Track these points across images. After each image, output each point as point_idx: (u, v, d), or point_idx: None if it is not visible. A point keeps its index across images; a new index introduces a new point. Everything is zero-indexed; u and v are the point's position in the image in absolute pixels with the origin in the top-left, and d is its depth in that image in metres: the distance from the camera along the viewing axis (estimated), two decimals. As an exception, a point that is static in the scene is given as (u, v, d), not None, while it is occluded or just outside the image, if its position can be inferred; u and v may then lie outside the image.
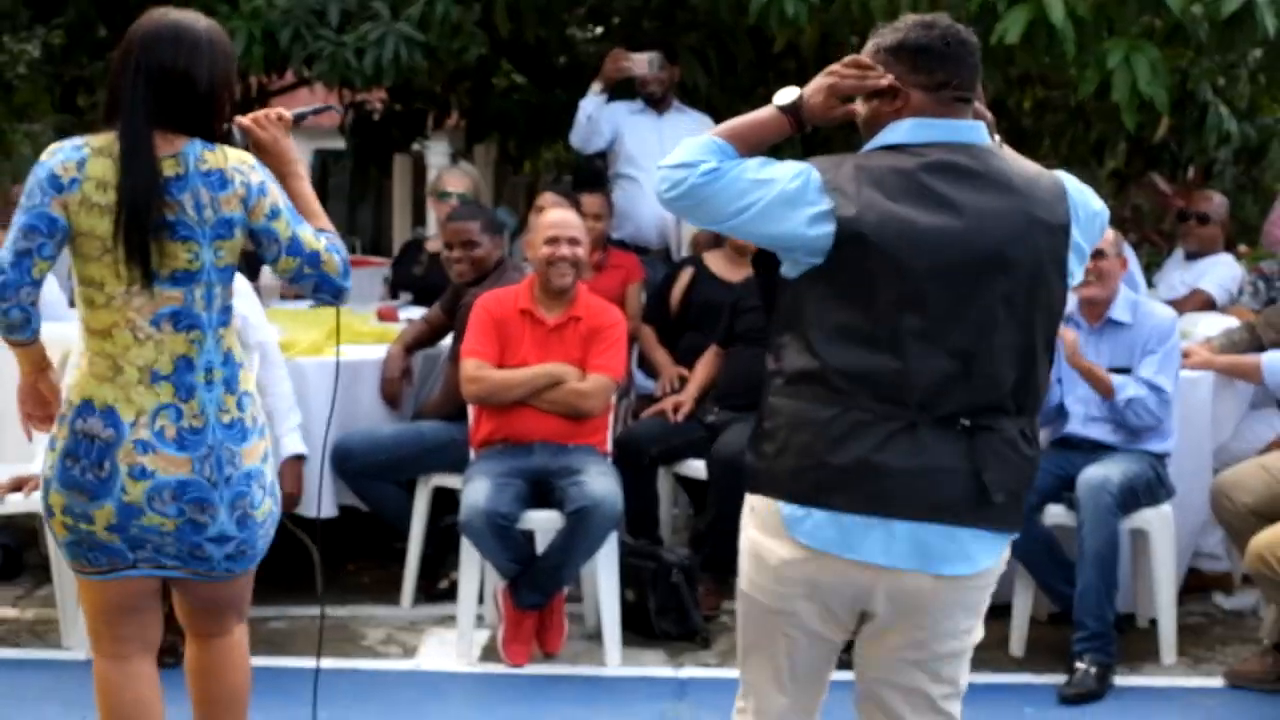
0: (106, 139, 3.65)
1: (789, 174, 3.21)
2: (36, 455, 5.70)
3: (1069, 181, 3.35)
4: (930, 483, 3.15)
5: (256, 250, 3.82)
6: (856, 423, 3.15)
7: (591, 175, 8.66)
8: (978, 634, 3.40)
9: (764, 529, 3.30)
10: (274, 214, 3.75)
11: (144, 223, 3.60)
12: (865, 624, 3.34)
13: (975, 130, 3.28)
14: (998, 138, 3.37)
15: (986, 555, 3.25)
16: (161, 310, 3.66)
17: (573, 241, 6.02)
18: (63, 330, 6.29)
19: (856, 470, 3.15)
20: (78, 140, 3.68)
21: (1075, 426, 5.87)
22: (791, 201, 3.19)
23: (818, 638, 3.36)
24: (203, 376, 3.71)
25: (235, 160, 3.74)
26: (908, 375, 3.15)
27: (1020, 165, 3.32)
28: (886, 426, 3.15)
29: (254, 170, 3.77)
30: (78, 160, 3.62)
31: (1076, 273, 3.32)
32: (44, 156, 3.65)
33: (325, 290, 3.87)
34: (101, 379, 3.66)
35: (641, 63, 7.99)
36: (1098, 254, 5.62)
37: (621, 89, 8.28)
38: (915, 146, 3.23)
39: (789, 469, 3.22)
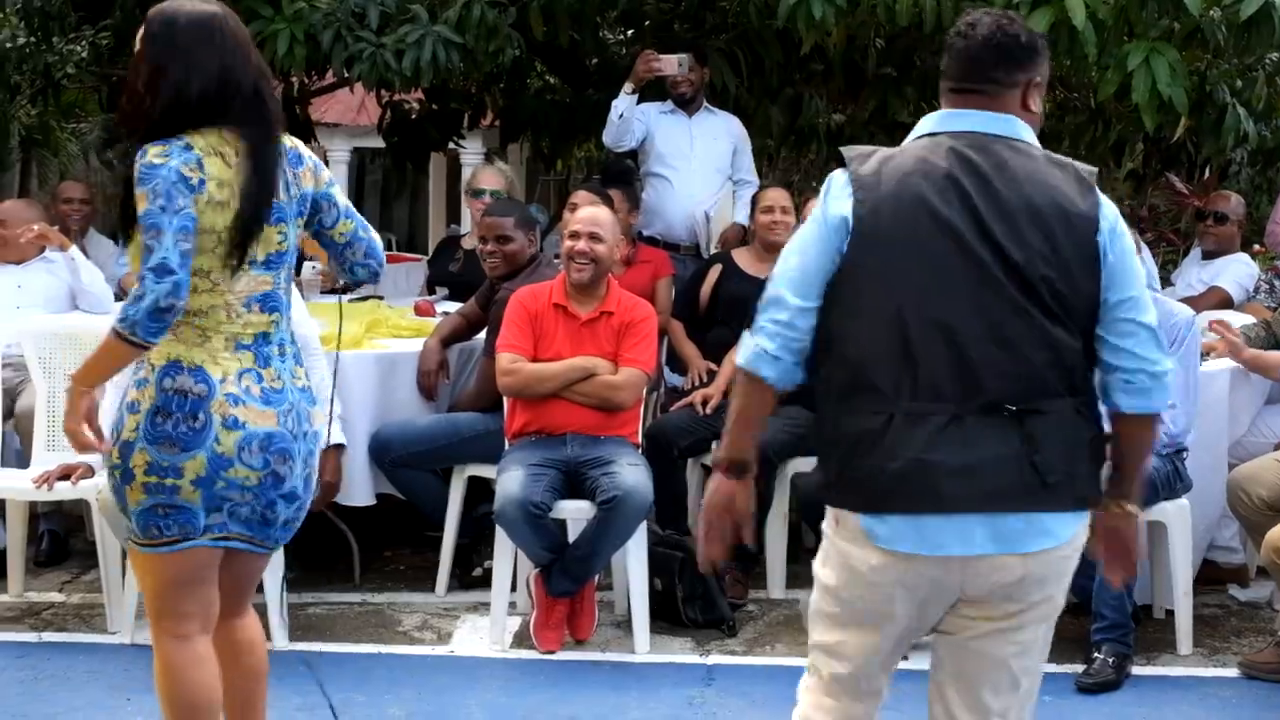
0: (210, 138, 3.65)
1: (810, 225, 3.31)
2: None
3: (1105, 201, 3.30)
4: (984, 474, 3.15)
5: (315, 217, 3.87)
6: (903, 424, 3.16)
7: (617, 172, 8.65)
8: (1061, 600, 3.38)
9: (851, 540, 3.29)
10: (331, 182, 3.92)
11: (264, 216, 3.71)
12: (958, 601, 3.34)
13: (1000, 121, 3.29)
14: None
15: (1065, 528, 3.24)
16: (254, 294, 3.74)
17: (593, 238, 6.00)
18: (111, 323, 6.35)
19: (913, 472, 3.16)
20: (177, 141, 3.63)
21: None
22: (831, 232, 3.26)
23: (911, 631, 3.38)
24: (276, 350, 3.80)
25: (290, 140, 3.85)
26: (937, 366, 3.16)
27: (1046, 156, 3.31)
28: (932, 422, 3.16)
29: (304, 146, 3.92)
30: (195, 161, 3.62)
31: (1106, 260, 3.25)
32: (155, 159, 3.58)
33: (373, 258, 3.99)
34: (190, 344, 3.69)
35: (671, 63, 7.98)
36: None
37: (653, 90, 8.27)
38: (940, 134, 3.28)
39: (853, 480, 3.24)
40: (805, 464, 6.11)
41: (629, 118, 8.05)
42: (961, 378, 3.16)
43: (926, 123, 3.33)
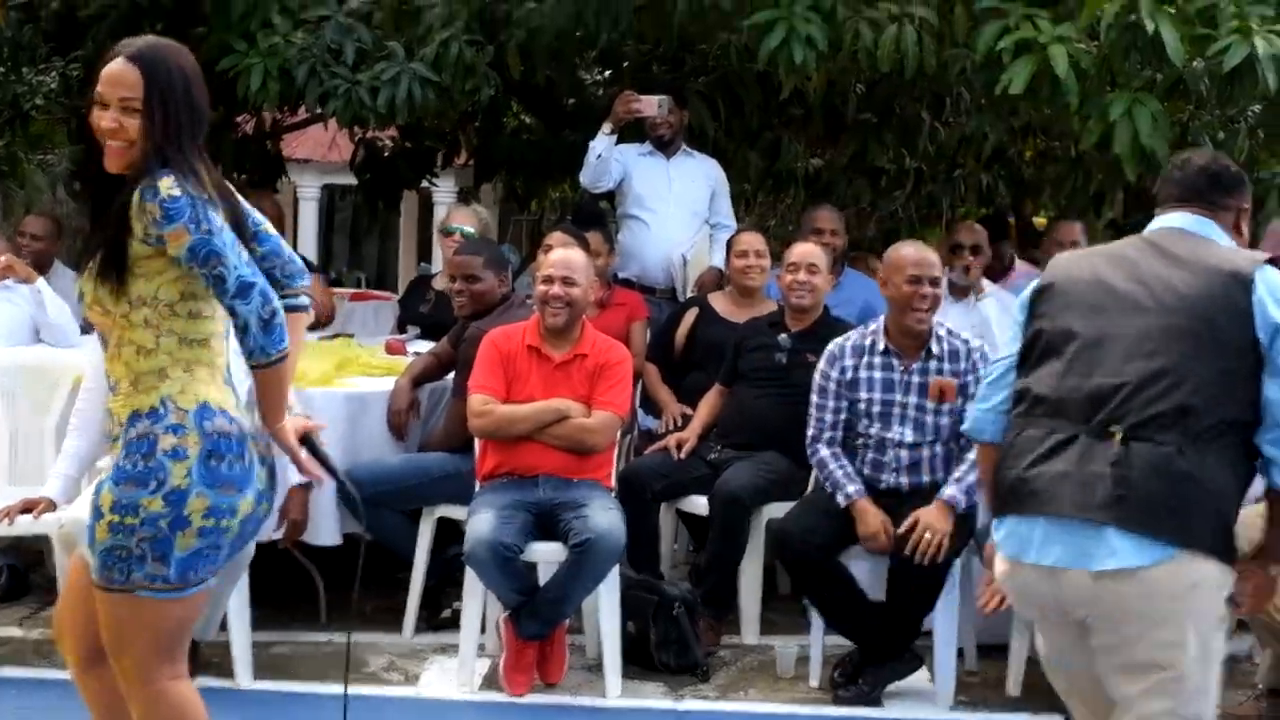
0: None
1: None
2: (46, 479, 5.76)
3: (1269, 269, 3.69)
4: (1078, 484, 3.55)
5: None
6: (1030, 437, 3.68)
7: (591, 213, 8.69)
8: (1188, 651, 3.57)
9: (997, 550, 3.81)
10: None
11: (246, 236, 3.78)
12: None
13: (1196, 221, 3.84)
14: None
15: (1137, 554, 3.51)
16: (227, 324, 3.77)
17: (566, 281, 6.02)
18: (76, 356, 6.36)
19: (1025, 479, 3.65)
20: (176, 171, 3.61)
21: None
22: (1025, 303, 3.95)
23: (1066, 642, 3.77)
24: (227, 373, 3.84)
25: None
26: (1070, 392, 3.65)
27: (1218, 243, 3.83)
28: (1053, 439, 3.63)
29: None
30: (199, 183, 3.64)
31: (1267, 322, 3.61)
32: (173, 191, 3.55)
33: None
34: (207, 383, 3.71)
35: (651, 104, 8.03)
36: None
37: (631, 131, 8.32)
38: (1149, 231, 3.91)
39: (996, 488, 3.78)
40: (780, 509, 6.12)
41: (607, 158, 8.09)
42: (1086, 402, 3.62)
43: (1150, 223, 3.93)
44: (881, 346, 5.89)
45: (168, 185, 3.57)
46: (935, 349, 5.84)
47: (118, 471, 3.68)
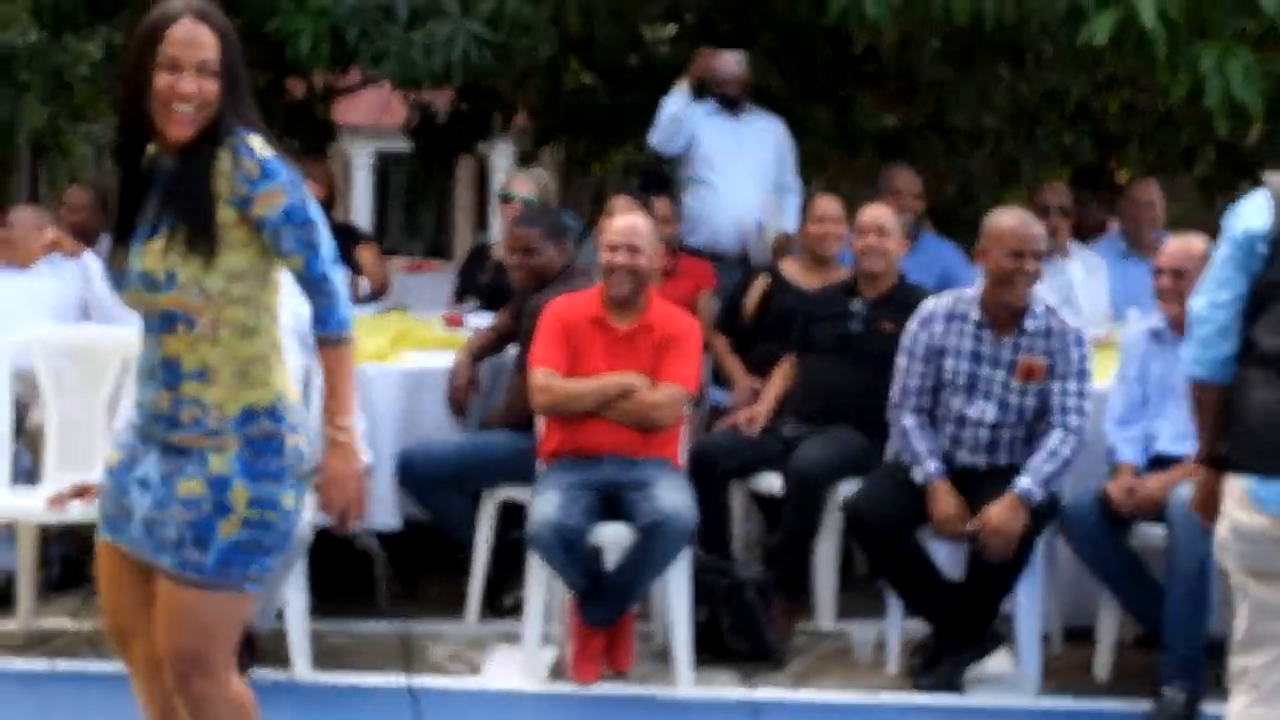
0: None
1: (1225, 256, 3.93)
2: (97, 464, 5.77)
3: None
4: None
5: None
6: None
7: (658, 179, 8.64)
8: None
9: (1240, 506, 3.82)
10: None
11: None
12: None
13: None
14: None
15: None
16: None
17: (631, 250, 5.98)
18: (125, 335, 6.36)
19: None
20: (254, 131, 3.61)
21: (1165, 444, 5.80)
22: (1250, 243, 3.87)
23: None
24: None
25: None
26: None
27: None
28: None
29: None
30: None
31: None
32: (266, 150, 3.54)
33: None
34: (286, 370, 3.73)
35: (730, 61, 7.98)
36: (1178, 274, 5.66)
37: (693, 91, 8.26)
38: None
39: (1251, 448, 3.80)
40: (856, 487, 6.07)
41: (682, 119, 8.04)
42: None
43: None
44: (975, 317, 5.79)
45: (260, 144, 3.56)
46: (1030, 325, 5.75)
47: (249, 468, 3.61)
